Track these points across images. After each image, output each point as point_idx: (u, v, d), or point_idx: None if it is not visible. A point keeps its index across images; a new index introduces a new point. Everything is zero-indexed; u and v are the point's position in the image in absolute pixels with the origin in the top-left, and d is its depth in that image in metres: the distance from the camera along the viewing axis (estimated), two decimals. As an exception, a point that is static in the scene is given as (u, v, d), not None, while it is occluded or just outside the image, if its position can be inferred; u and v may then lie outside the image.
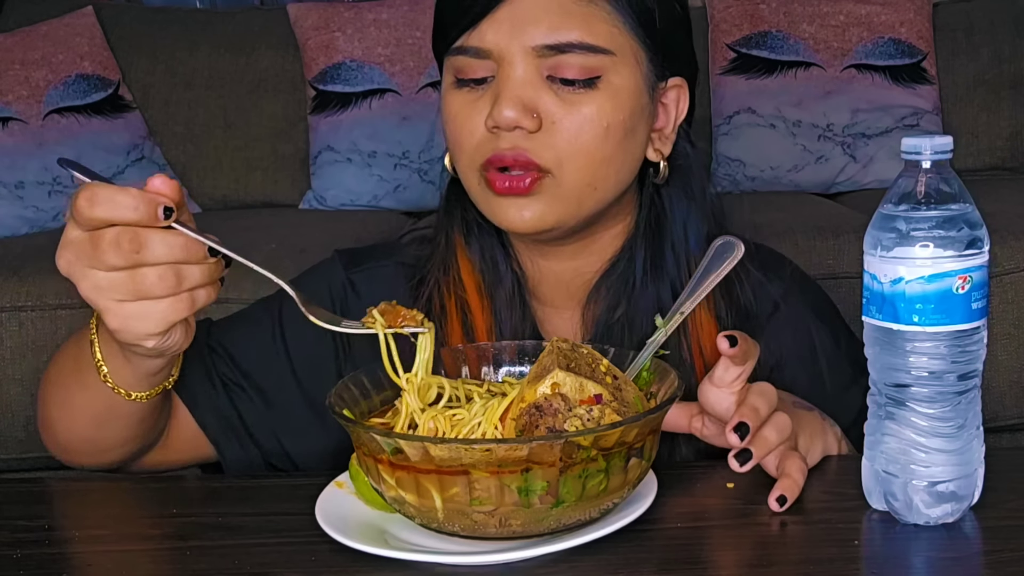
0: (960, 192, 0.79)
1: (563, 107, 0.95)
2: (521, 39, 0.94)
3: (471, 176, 0.99)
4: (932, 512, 0.80)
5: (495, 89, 0.96)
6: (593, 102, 0.95)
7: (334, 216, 2.48)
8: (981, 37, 2.69)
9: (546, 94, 0.95)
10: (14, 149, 2.45)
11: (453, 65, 0.99)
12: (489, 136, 0.96)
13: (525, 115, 0.94)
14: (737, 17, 2.64)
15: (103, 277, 0.79)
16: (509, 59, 0.95)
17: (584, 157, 0.96)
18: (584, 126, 0.95)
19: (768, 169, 2.54)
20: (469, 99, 0.97)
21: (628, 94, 0.97)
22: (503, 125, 0.94)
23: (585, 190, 0.97)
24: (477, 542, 0.79)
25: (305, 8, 2.72)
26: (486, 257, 1.06)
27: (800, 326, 1.07)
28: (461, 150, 0.99)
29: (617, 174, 0.99)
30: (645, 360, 0.88)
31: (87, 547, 0.84)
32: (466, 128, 0.97)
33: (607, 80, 0.96)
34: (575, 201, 0.97)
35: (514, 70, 0.95)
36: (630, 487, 0.79)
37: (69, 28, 2.64)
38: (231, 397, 1.04)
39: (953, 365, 0.79)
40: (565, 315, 1.07)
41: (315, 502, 0.84)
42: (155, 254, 0.78)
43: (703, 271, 0.91)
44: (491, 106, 0.95)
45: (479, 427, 0.81)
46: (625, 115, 0.97)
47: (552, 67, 0.95)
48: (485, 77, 0.97)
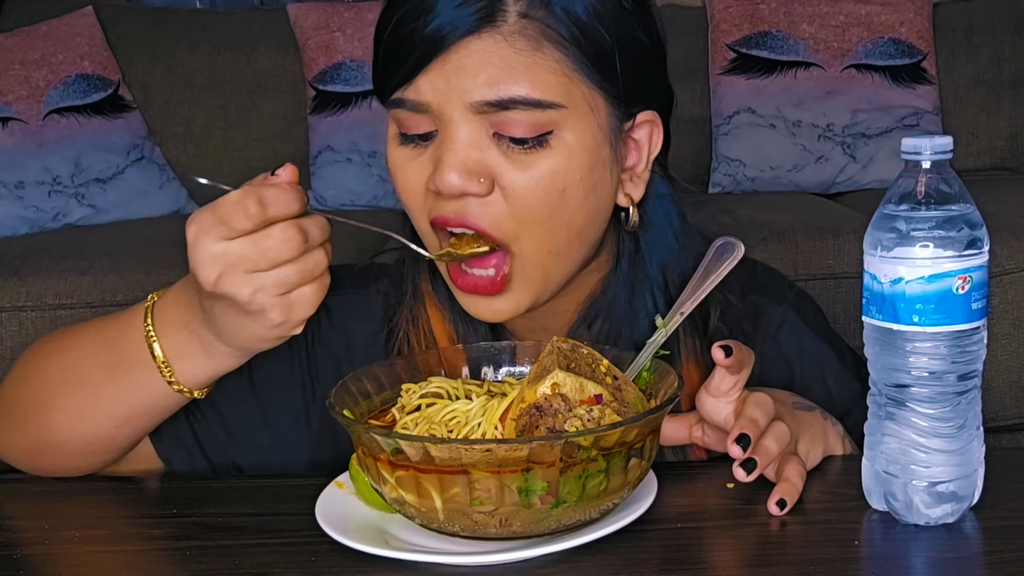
0: (960, 192, 0.79)
1: (513, 169, 0.86)
2: (460, 95, 0.85)
3: (431, 242, 0.92)
4: (932, 512, 0.80)
5: (438, 149, 0.87)
6: (546, 163, 0.86)
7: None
8: (981, 37, 2.69)
9: (493, 154, 0.86)
10: (14, 149, 2.46)
11: (395, 117, 0.90)
12: (434, 196, 0.88)
13: (471, 180, 0.86)
14: (737, 17, 2.65)
15: (269, 276, 0.79)
16: (449, 116, 0.86)
17: (540, 226, 0.88)
18: (537, 192, 0.86)
19: (768, 169, 2.54)
20: (411, 155, 0.89)
21: (584, 150, 0.87)
22: (446, 192, 0.86)
23: (547, 259, 0.90)
24: (477, 542, 0.79)
25: (305, 8, 2.72)
26: (456, 304, 0.96)
27: (805, 346, 1.05)
28: (409, 210, 0.92)
29: (580, 236, 0.91)
30: (645, 360, 0.88)
31: (87, 547, 0.84)
32: (409, 186, 0.90)
33: (559, 137, 0.86)
34: (541, 275, 0.90)
35: (456, 129, 0.86)
36: (630, 487, 0.79)
37: (69, 28, 2.65)
38: (188, 419, 1.00)
39: (953, 365, 0.79)
40: None
41: (315, 502, 0.84)
42: (314, 236, 0.81)
43: (703, 272, 0.91)
44: (433, 167, 0.87)
45: (479, 427, 0.81)
46: (583, 173, 0.88)
47: (497, 124, 0.86)
48: (429, 132, 0.88)
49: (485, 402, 0.83)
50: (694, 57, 2.67)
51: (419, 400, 0.86)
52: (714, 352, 0.86)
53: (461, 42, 0.85)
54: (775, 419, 0.87)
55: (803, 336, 1.06)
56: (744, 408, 0.86)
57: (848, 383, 1.04)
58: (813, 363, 1.05)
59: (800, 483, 0.85)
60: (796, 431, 0.90)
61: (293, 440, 1.02)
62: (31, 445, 0.96)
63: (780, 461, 0.86)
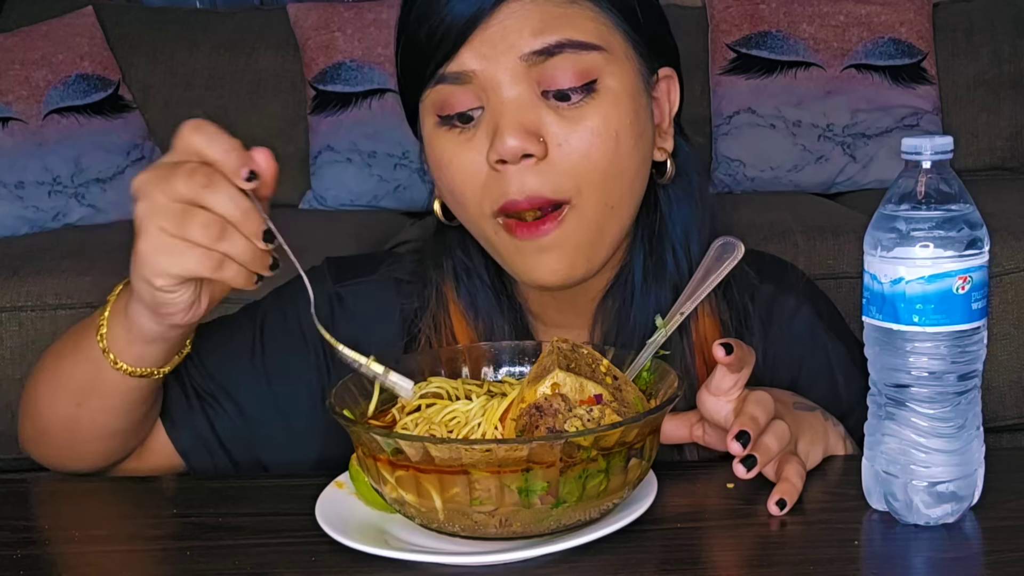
0: (960, 192, 0.79)
1: (567, 125, 0.88)
2: (507, 55, 0.88)
3: (484, 225, 0.92)
4: (932, 512, 0.80)
5: (490, 120, 0.88)
6: (596, 112, 0.89)
7: (334, 216, 2.48)
8: (981, 37, 2.69)
9: (546, 113, 0.88)
10: (14, 149, 2.46)
11: (433, 102, 0.91)
12: (495, 176, 0.89)
13: (530, 140, 0.87)
14: (737, 17, 2.65)
15: (161, 202, 0.77)
16: (497, 81, 0.88)
17: (600, 175, 0.89)
18: (594, 141, 0.89)
19: (768, 169, 2.54)
20: (460, 140, 0.90)
21: (628, 96, 0.91)
22: (509, 157, 0.87)
23: (605, 212, 0.91)
24: (477, 542, 0.79)
25: (305, 8, 2.72)
26: (480, 309, 0.99)
27: (817, 338, 1.05)
28: (465, 198, 0.91)
29: (631, 186, 0.93)
30: (645, 361, 0.88)
31: (87, 547, 0.84)
32: (466, 172, 0.90)
33: (604, 84, 0.90)
34: (597, 231, 0.92)
35: (506, 92, 0.88)
36: (630, 487, 0.79)
37: (69, 28, 2.65)
38: (204, 409, 1.01)
39: (953, 365, 0.79)
40: (575, 334, 0.99)
41: (315, 502, 0.84)
42: (216, 200, 0.76)
43: (703, 272, 0.91)
44: (490, 140, 0.88)
45: (479, 427, 0.81)
46: (631, 118, 0.91)
47: (544, 78, 0.88)
48: (471, 111, 0.90)
49: (485, 402, 0.83)
50: (694, 57, 2.67)
51: (419, 400, 0.86)
52: (714, 350, 0.86)
53: (499, 7, 0.88)
54: (775, 418, 0.87)
55: (815, 328, 1.06)
56: (744, 406, 0.86)
57: (856, 380, 1.04)
58: (822, 356, 1.05)
59: (800, 483, 0.85)
60: (796, 430, 0.90)
61: (307, 432, 1.02)
62: (29, 434, 0.99)
63: (780, 461, 0.86)
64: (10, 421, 1.92)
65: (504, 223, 0.90)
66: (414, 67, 0.92)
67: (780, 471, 0.86)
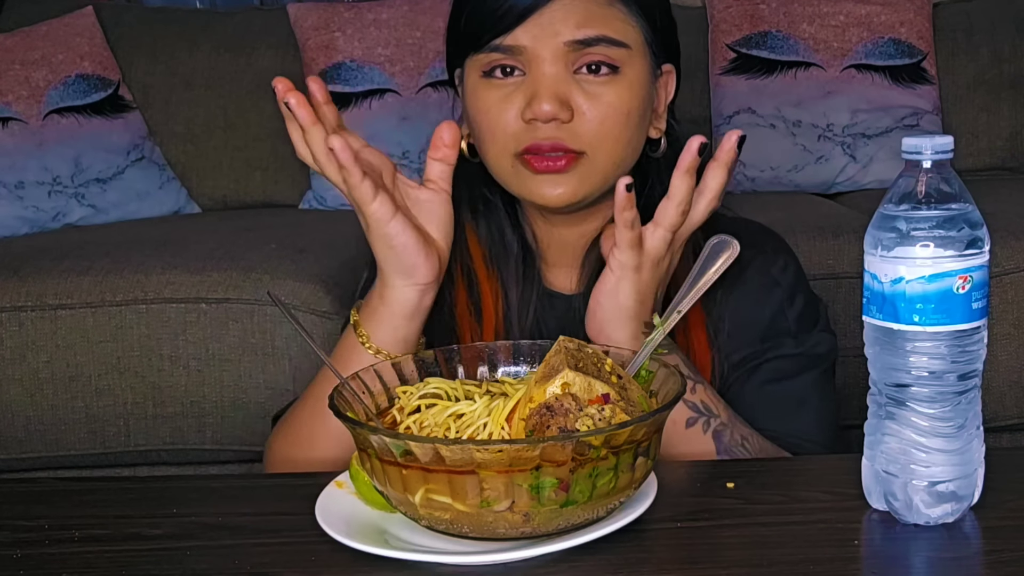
0: (960, 192, 0.79)
1: (589, 99, 1.07)
2: (553, 39, 1.06)
3: (503, 160, 1.10)
4: (932, 512, 0.80)
5: (530, 86, 1.07)
6: (615, 92, 1.08)
7: (334, 216, 2.48)
8: (981, 37, 2.69)
9: (574, 88, 1.07)
10: (14, 149, 2.45)
11: (482, 62, 1.09)
12: (524, 126, 1.07)
13: (562, 108, 1.06)
14: (737, 17, 2.64)
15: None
16: (541, 57, 1.07)
17: (611, 141, 1.08)
18: (609, 112, 1.08)
19: (768, 169, 2.54)
20: (501, 94, 1.09)
21: (641, 84, 1.10)
22: (542, 118, 1.06)
23: (611, 169, 1.09)
24: (477, 542, 0.79)
25: (305, 8, 2.72)
26: (493, 231, 1.18)
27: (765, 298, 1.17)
28: (494, 139, 1.10)
29: (634, 153, 1.13)
30: (644, 359, 0.88)
31: (87, 547, 0.84)
32: (502, 120, 1.08)
33: (624, 72, 1.09)
34: (602, 179, 1.09)
35: (546, 67, 1.07)
36: (636, 485, 0.80)
37: (69, 28, 2.64)
38: None
39: (953, 365, 0.79)
40: (564, 271, 1.19)
41: (315, 502, 0.84)
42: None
43: (699, 270, 0.91)
44: (526, 100, 1.07)
45: (485, 428, 0.81)
46: (639, 102, 1.10)
47: (577, 61, 1.07)
48: (514, 67, 1.08)
49: (488, 402, 0.83)
50: (694, 57, 2.66)
51: (418, 401, 0.86)
52: (729, 136, 1.03)
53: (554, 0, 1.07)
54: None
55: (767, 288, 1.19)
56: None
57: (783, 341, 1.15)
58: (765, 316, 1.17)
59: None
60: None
61: None
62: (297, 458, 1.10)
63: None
64: (10, 421, 1.92)
65: (525, 159, 1.08)
66: (474, 31, 1.09)
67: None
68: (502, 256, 1.18)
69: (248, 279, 1.92)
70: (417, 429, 0.83)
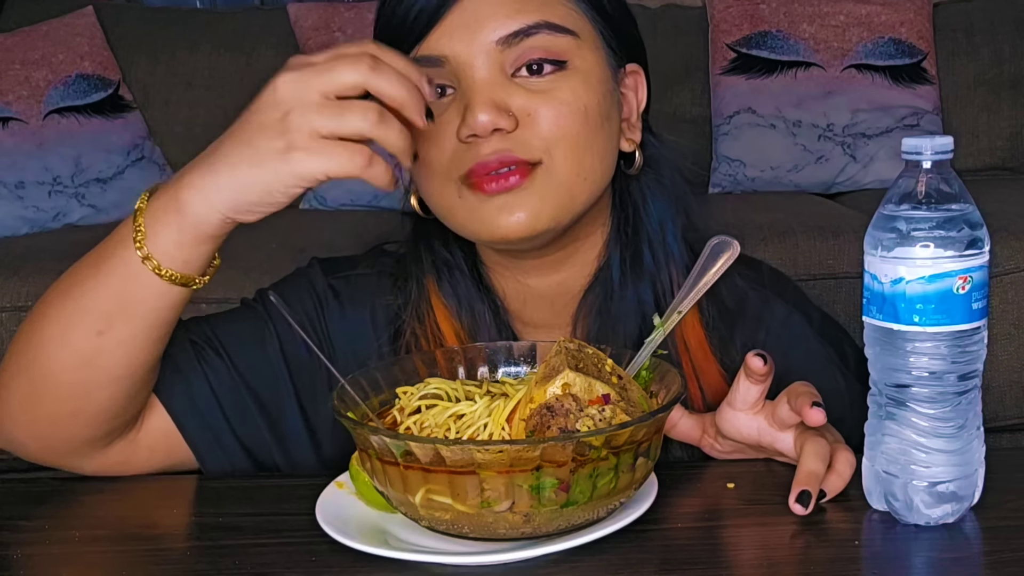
0: (960, 192, 0.79)
1: (536, 98, 0.91)
2: (479, 39, 0.91)
3: (448, 191, 0.93)
4: (932, 512, 0.80)
5: (461, 99, 0.91)
6: (566, 86, 0.92)
7: (334, 216, 2.48)
8: (981, 37, 2.69)
9: (515, 92, 0.91)
10: (14, 149, 2.45)
11: None
12: (464, 147, 0.91)
13: (500, 116, 0.90)
14: (737, 17, 2.65)
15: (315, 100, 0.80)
16: (469, 63, 0.91)
17: (569, 142, 0.92)
18: (562, 110, 0.91)
19: (768, 169, 2.54)
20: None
21: (597, 79, 0.95)
22: (480, 131, 0.89)
23: (576, 181, 0.93)
24: (478, 542, 0.79)
25: (305, 8, 2.72)
26: (461, 299, 1.02)
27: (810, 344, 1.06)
28: (432, 170, 0.93)
29: (602, 163, 0.96)
30: (644, 360, 0.88)
31: (87, 547, 0.84)
32: (437, 144, 0.92)
33: (574, 65, 0.93)
34: (566, 194, 0.93)
35: (477, 73, 0.91)
36: (637, 486, 0.80)
37: (69, 28, 2.65)
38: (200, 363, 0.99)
39: (953, 365, 0.79)
40: (555, 334, 0.99)
41: (315, 502, 0.84)
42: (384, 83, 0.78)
43: (699, 271, 0.91)
44: (461, 116, 0.90)
45: (485, 429, 0.81)
46: (599, 98, 0.94)
47: (518, 58, 0.91)
48: (443, 86, 0.92)
49: (488, 403, 0.83)
50: (694, 57, 2.67)
51: (418, 402, 0.86)
52: (750, 360, 0.86)
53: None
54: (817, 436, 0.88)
55: (807, 336, 1.06)
56: (804, 458, 0.86)
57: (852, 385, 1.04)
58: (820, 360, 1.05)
59: (848, 472, 0.86)
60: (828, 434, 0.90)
61: (324, 433, 1.02)
62: (24, 395, 0.92)
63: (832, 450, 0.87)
64: (10, 421, 1.92)
65: (470, 183, 0.91)
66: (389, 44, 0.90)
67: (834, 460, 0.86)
68: (473, 326, 1.01)
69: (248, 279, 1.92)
70: (417, 430, 0.83)
